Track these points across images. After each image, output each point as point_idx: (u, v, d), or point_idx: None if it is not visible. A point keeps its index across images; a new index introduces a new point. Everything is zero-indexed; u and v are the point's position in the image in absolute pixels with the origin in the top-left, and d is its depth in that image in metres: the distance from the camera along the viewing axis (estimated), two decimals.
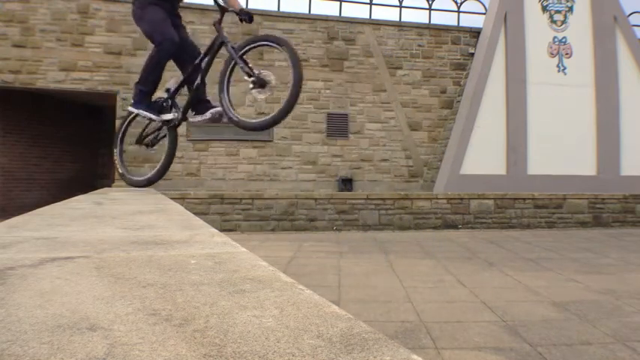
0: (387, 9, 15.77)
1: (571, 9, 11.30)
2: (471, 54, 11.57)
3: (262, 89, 2.77)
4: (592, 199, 9.99)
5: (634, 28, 11.78)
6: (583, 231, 9.41)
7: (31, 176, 11.27)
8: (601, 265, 5.80)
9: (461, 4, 11.86)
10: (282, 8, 11.13)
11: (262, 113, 2.60)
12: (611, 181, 10.80)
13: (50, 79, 9.88)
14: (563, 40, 11.21)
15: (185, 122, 3.33)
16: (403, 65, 11.41)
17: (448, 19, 16.64)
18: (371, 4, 11.60)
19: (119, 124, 3.48)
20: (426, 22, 11.77)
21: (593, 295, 4.29)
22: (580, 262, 5.93)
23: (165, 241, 1.36)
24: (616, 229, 9.66)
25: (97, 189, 4.29)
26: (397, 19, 11.64)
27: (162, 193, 3.31)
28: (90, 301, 0.77)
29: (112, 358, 0.55)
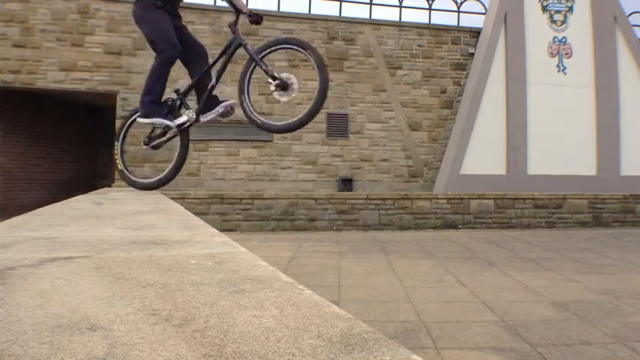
0: (387, 9, 15.79)
1: (571, 9, 11.30)
2: (471, 54, 11.57)
3: (284, 92, 2.79)
4: (592, 199, 9.99)
5: (634, 28, 11.78)
6: (583, 231, 9.41)
7: (31, 176, 11.27)
8: (601, 265, 5.80)
9: (461, 4, 11.86)
10: (282, 8, 11.14)
11: (262, 113, 2.61)
12: (611, 181, 10.81)
13: (50, 79, 9.88)
14: (563, 40, 11.21)
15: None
16: (403, 65, 11.41)
17: (448, 19, 16.66)
18: (371, 4, 11.60)
19: (120, 125, 3.39)
20: (426, 22, 11.78)
21: (593, 295, 4.29)
22: (580, 262, 5.93)
23: (165, 241, 1.36)
24: (616, 229, 9.66)
25: (97, 189, 4.29)
26: (397, 19, 11.65)
27: (162, 193, 3.30)
28: (90, 301, 0.77)
29: (112, 358, 0.55)
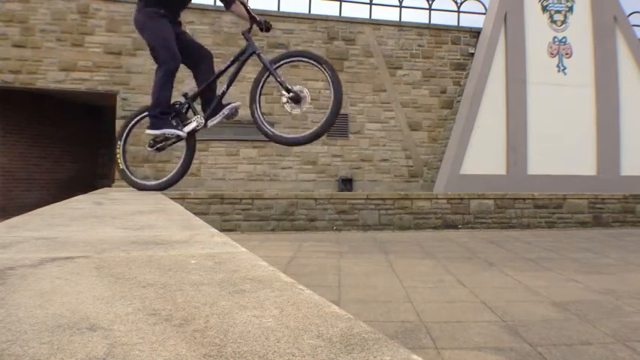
0: (387, 9, 15.79)
1: (571, 9, 11.30)
2: (471, 54, 11.57)
3: (297, 104, 2.83)
4: (592, 199, 9.99)
5: (634, 28, 11.78)
6: (583, 231, 9.41)
7: (31, 176, 11.27)
8: (601, 265, 5.80)
9: (461, 4, 11.86)
10: (282, 8, 11.14)
11: (263, 114, 2.61)
12: (611, 181, 10.81)
13: (50, 79, 9.88)
14: (563, 40, 11.21)
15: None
16: (403, 65, 11.41)
17: (448, 19, 16.65)
18: (371, 4, 11.60)
19: (123, 124, 3.37)
20: (426, 22, 11.78)
21: (593, 295, 4.29)
22: (580, 262, 5.93)
23: (165, 241, 1.36)
24: (616, 229, 9.66)
25: (97, 189, 4.29)
26: (397, 19, 11.65)
27: (162, 193, 3.30)
28: (90, 301, 0.77)
29: (112, 358, 0.55)
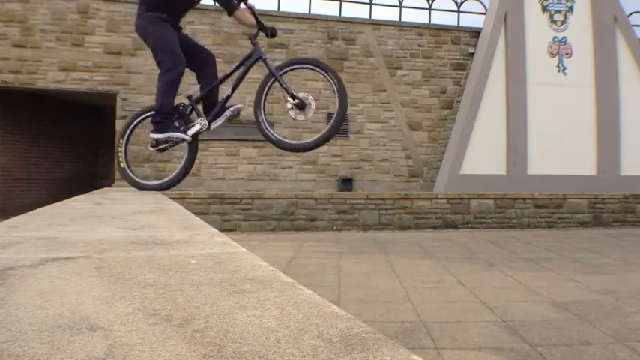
0: (387, 9, 15.80)
1: (571, 9, 11.30)
2: (471, 54, 11.57)
3: (301, 111, 2.87)
4: (592, 199, 9.99)
5: (634, 28, 11.78)
6: (583, 231, 9.41)
7: (31, 176, 11.27)
8: (601, 265, 5.80)
9: (461, 4, 11.86)
10: (282, 8, 11.14)
11: (267, 117, 2.63)
12: (611, 181, 10.81)
13: (50, 79, 9.88)
14: (563, 40, 11.21)
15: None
16: (403, 65, 11.41)
17: (448, 19, 16.67)
18: (371, 4, 11.60)
19: (127, 123, 3.35)
20: (426, 22, 11.78)
21: (593, 295, 4.29)
22: (580, 262, 5.93)
23: (165, 241, 1.36)
24: (616, 229, 9.66)
25: (97, 189, 4.29)
26: (397, 19, 11.65)
27: (162, 193, 3.30)
28: (90, 301, 0.77)
29: (112, 358, 0.55)
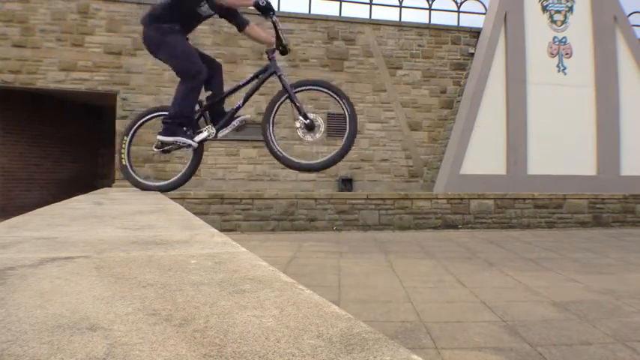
0: (387, 9, 15.79)
1: (571, 9, 11.30)
2: (471, 54, 11.57)
3: (310, 132, 2.97)
4: (592, 199, 9.99)
5: (634, 28, 11.78)
6: (583, 231, 9.41)
7: (31, 176, 11.27)
8: (601, 265, 5.80)
9: (461, 4, 11.86)
10: (282, 8, 11.14)
11: (262, 114, 2.66)
12: (611, 181, 10.80)
13: (50, 79, 9.88)
14: (563, 40, 11.21)
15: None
16: (403, 65, 11.41)
17: (448, 19, 16.65)
18: (371, 4, 11.60)
19: (132, 121, 3.32)
20: (426, 22, 11.78)
21: (593, 295, 4.29)
22: (580, 262, 5.93)
23: (165, 241, 1.36)
24: (616, 229, 9.65)
25: (97, 189, 4.29)
26: (397, 19, 11.64)
27: (162, 193, 3.30)
28: (90, 301, 0.77)
29: (112, 358, 0.55)
